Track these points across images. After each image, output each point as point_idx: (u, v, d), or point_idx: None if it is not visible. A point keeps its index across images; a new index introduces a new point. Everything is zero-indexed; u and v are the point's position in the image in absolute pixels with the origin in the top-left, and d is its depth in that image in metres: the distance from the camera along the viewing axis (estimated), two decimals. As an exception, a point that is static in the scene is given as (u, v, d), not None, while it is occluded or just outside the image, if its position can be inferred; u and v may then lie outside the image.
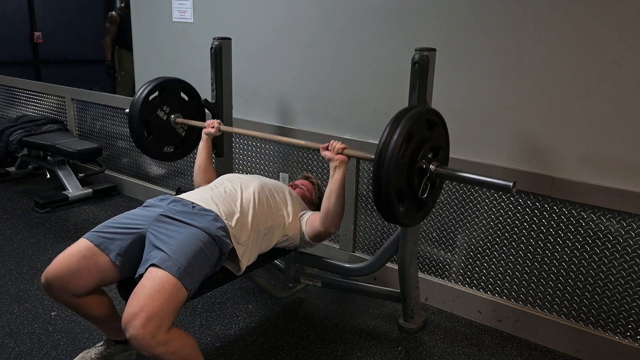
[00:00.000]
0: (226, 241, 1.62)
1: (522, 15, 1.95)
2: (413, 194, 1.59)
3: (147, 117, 2.32)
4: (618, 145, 1.84)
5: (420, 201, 1.64)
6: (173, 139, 2.47)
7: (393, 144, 1.48)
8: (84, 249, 1.57)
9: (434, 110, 1.68)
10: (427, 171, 1.59)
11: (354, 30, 2.40)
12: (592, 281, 1.99)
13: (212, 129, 2.24)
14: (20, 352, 1.96)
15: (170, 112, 2.40)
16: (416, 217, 1.69)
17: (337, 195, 1.80)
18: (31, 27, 5.91)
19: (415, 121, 1.53)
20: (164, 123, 2.39)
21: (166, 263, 1.44)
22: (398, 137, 1.48)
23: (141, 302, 1.36)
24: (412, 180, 1.57)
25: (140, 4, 3.33)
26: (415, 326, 2.18)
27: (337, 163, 1.80)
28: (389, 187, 1.49)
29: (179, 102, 2.44)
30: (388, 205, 1.53)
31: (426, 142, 1.58)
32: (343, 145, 1.82)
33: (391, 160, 1.48)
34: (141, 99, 2.28)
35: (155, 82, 2.34)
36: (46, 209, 3.36)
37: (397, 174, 1.51)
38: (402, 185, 1.55)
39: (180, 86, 2.46)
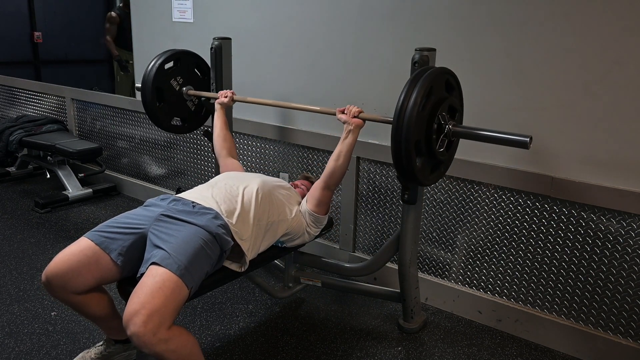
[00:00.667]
0: (226, 239, 1.62)
1: (522, 16, 1.95)
2: (430, 149, 1.64)
3: (160, 84, 2.34)
4: (618, 145, 1.84)
5: (436, 159, 1.68)
6: (182, 111, 2.49)
7: (414, 96, 1.54)
8: (85, 247, 1.57)
9: (452, 72, 1.73)
10: (444, 128, 1.64)
11: (354, 30, 2.40)
12: (592, 281, 1.99)
13: (225, 98, 2.27)
14: (20, 352, 1.96)
15: (183, 84, 2.42)
16: (430, 177, 1.73)
17: (345, 156, 1.88)
18: (31, 27, 5.90)
19: (435, 78, 1.59)
20: (176, 93, 2.41)
21: (167, 261, 1.44)
22: (419, 91, 1.54)
23: (142, 299, 1.36)
24: (431, 134, 1.62)
25: (140, 4, 3.33)
26: (415, 326, 2.18)
27: (352, 127, 1.87)
28: (409, 138, 1.54)
29: (192, 76, 2.47)
30: (407, 156, 1.57)
31: (444, 101, 1.63)
32: (359, 109, 1.88)
33: (412, 112, 1.53)
34: (156, 66, 2.31)
35: (170, 52, 2.37)
36: (46, 209, 3.36)
37: (417, 125, 1.56)
38: (420, 138, 1.59)
39: (195, 60, 2.49)
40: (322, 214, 1.99)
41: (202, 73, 2.52)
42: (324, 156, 2.62)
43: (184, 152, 3.34)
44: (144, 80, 2.32)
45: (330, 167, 1.91)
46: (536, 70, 1.96)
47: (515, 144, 1.60)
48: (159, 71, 2.31)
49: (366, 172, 2.50)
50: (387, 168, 2.43)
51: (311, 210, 1.96)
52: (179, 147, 3.36)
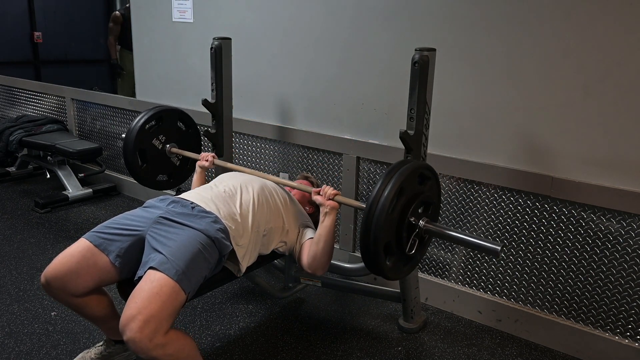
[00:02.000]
0: (225, 243, 1.62)
1: (522, 16, 1.95)
2: (401, 249, 1.58)
3: (142, 146, 2.31)
4: (618, 145, 1.84)
5: (407, 256, 1.61)
6: (167, 168, 2.46)
7: (384, 198, 1.47)
8: (83, 249, 1.57)
9: (428, 165, 1.68)
10: (416, 227, 1.57)
11: (354, 30, 2.40)
12: (592, 281, 1.99)
13: (206, 162, 2.21)
14: (20, 352, 1.96)
15: (166, 142, 2.40)
16: (403, 271, 1.68)
17: (325, 241, 1.76)
18: (31, 27, 5.91)
19: (407, 177, 1.52)
20: (159, 152, 2.39)
21: (164, 266, 1.44)
22: (389, 191, 1.47)
23: (139, 304, 1.35)
24: (401, 235, 1.55)
25: (140, 4, 3.33)
26: (415, 326, 2.18)
27: (327, 209, 1.77)
28: (377, 241, 1.48)
29: (175, 131, 2.44)
30: (375, 258, 1.51)
31: (417, 198, 1.57)
32: (335, 191, 1.79)
33: (381, 215, 1.46)
34: (137, 128, 2.27)
35: (152, 111, 2.34)
36: (46, 209, 3.36)
37: (386, 228, 1.49)
38: (390, 240, 1.53)
39: (178, 115, 2.46)
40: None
41: (185, 126, 2.50)
42: (324, 156, 2.62)
43: (184, 152, 3.34)
44: (125, 143, 2.29)
45: (312, 251, 1.80)
46: (536, 70, 1.96)
47: (485, 250, 1.53)
48: (140, 132, 2.28)
49: (366, 172, 2.50)
50: (387, 168, 2.42)
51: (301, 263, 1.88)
52: (179, 147, 3.36)
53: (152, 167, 2.39)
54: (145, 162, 2.36)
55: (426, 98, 1.80)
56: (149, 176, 2.41)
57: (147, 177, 2.40)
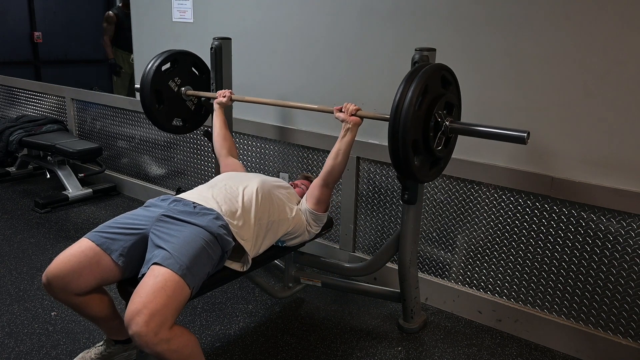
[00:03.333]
0: (228, 239, 1.62)
1: (522, 16, 1.95)
2: (428, 147, 1.63)
3: (158, 87, 2.34)
4: (618, 145, 1.84)
5: (434, 157, 1.68)
6: (182, 112, 2.50)
7: (410, 95, 1.52)
8: (85, 248, 1.57)
9: (448, 67, 1.72)
10: (441, 125, 1.63)
11: (354, 30, 2.40)
12: (592, 281, 1.99)
13: (223, 98, 2.27)
14: (20, 352, 1.96)
15: (182, 84, 2.43)
16: (429, 174, 1.73)
17: (344, 154, 1.87)
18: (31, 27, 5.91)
19: (430, 75, 1.57)
20: (175, 94, 2.42)
21: (168, 261, 1.44)
22: (414, 89, 1.53)
23: (144, 299, 1.36)
24: (428, 132, 1.61)
25: (140, 4, 3.33)
26: (415, 326, 2.18)
27: (350, 125, 1.86)
28: (406, 137, 1.53)
29: (190, 76, 2.48)
30: (404, 156, 1.56)
31: (441, 98, 1.62)
32: (357, 107, 1.88)
33: (408, 111, 1.51)
34: (153, 69, 2.31)
35: (167, 53, 2.37)
36: (46, 209, 3.36)
37: (414, 125, 1.55)
38: (417, 137, 1.58)
39: (192, 60, 2.49)
40: (322, 212, 1.99)
41: (200, 72, 2.53)
42: (324, 156, 2.62)
43: (184, 152, 3.34)
44: (142, 83, 2.33)
45: (329, 165, 1.90)
46: (536, 70, 1.96)
47: (512, 139, 1.59)
48: (157, 73, 2.31)
49: (366, 172, 2.50)
50: (387, 168, 2.43)
51: (311, 209, 1.96)
52: (179, 147, 3.36)
53: (168, 109, 2.43)
54: (162, 104, 2.39)
55: (426, 97, 1.80)
56: (165, 119, 2.44)
57: (163, 119, 2.43)
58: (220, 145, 2.24)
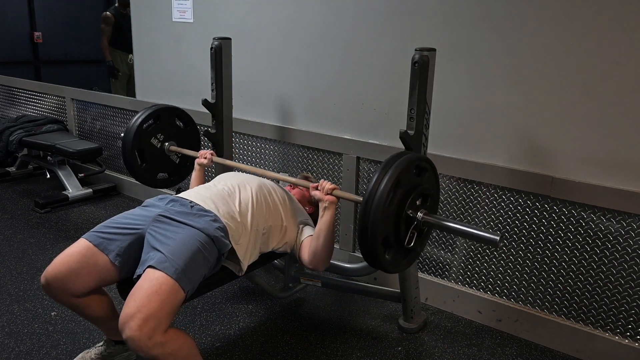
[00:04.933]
0: (224, 242, 1.62)
1: (522, 16, 1.95)
2: (399, 242, 1.56)
3: (140, 145, 2.31)
4: (618, 145, 1.84)
5: (407, 249, 1.60)
6: (167, 166, 2.46)
7: (380, 191, 1.45)
8: (83, 249, 1.57)
9: (425, 157, 1.67)
10: (414, 219, 1.55)
11: (354, 30, 2.40)
12: (592, 281, 1.99)
13: (204, 159, 2.20)
14: (20, 352, 1.96)
15: (165, 140, 2.39)
16: (402, 264, 1.65)
17: (325, 236, 1.75)
18: (31, 27, 5.91)
19: (404, 169, 1.50)
20: (158, 151, 2.38)
21: (163, 264, 1.44)
22: (386, 184, 1.45)
23: (138, 303, 1.35)
24: (399, 228, 1.53)
25: (140, 4, 3.33)
26: (415, 326, 2.18)
27: (326, 204, 1.76)
28: (375, 235, 1.46)
29: (173, 129, 2.44)
30: (373, 253, 1.50)
31: (415, 190, 1.55)
32: (333, 185, 1.78)
33: (377, 208, 1.44)
34: (135, 127, 2.27)
35: (150, 110, 2.33)
36: (46, 209, 3.36)
37: (384, 222, 1.47)
38: (388, 233, 1.52)
39: (175, 113, 2.45)
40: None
41: (184, 124, 2.49)
42: (324, 156, 2.62)
43: (184, 152, 3.34)
44: (123, 143, 2.28)
45: (313, 247, 1.79)
46: (536, 70, 1.96)
47: (484, 241, 1.52)
48: (138, 132, 2.27)
49: (366, 172, 2.50)
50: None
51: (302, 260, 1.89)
52: (179, 147, 3.36)
53: (152, 166, 2.39)
54: (145, 162, 2.36)
55: (426, 98, 1.80)
56: (149, 175, 2.41)
57: (147, 176, 2.40)
58: None
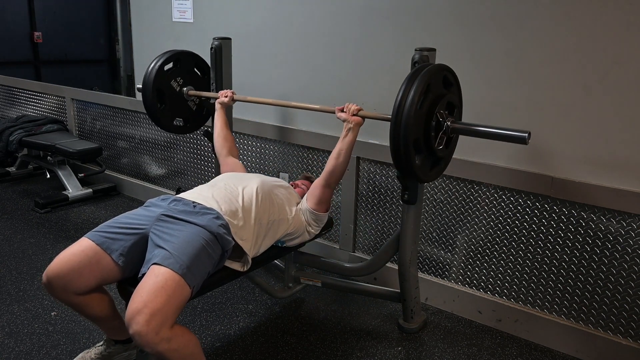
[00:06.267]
0: (227, 239, 1.62)
1: (523, 15, 1.95)
2: (429, 147, 1.64)
3: (160, 86, 2.35)
4: (618, 145, 1.84)
5: (435, 156, 1.69)
6: (184, 112, 2.51)
7: (412, 94, 1.54)
8: (85, 248, 1.57)
9: (450, 68, 1.73)
10: (443, 125, 1.64)
11: (355, 30, 2.40)
12: (592, 281, 1.99)
13: (225, 98, 2.28)
14: (20, 352, 1.96)
15: (184, 84, 2.44)
16: (430, 174, 1.74)
17: (345, 154, 1.87)
18: (31, 27, 5.91)
19: (432, 76, 1.58)
20: (177, 94, 2.42)
21: (168, 260, 1.44)
22: (417, 89, 1.54)
23: (145, 298, 1.36)
24: (429, 131, 1.62)
25: (140, 4, 3.33)
26: (415, 326, 2.18)
27: (351, 125, 1.87)
28: (407, 136, 1.54)
29: (192, 76, 2.49)
30: (406, 155, 1.58)
31: (442, 98, 1.63)
32: (358, 107, 1.88)
33: (410, 111, 1.53)
34: (156, 68, 2.32)
35: (169, 53, 2.39)
36: (46, 209, 3.36)
37: (415, 124, 1.56)
38: (419, 136, 1.59)
39: (194, 60, 2.50)
40: (322, 212, 1.99)
41: (202, 72, 2.54)
42: (324, 156, 2.62)
43: (184, 152, 3.34)
44: (144, 82, 2.33)
45: (331, 165, 1.90)
46: (536, 70, 1.96)
47: (513, 139, 1.60)
48: (159, 73, 2.32)
49: (366, 172, 2.50)
50: (387, 168, 2.43)
51: (311, 209, 1.96)
52: (179, 147, 3.36)
53: (170, 109, 2.43)
54: (164, 104, 2.39)
55: (426, 97, 1.80)
56: (167, 119, 2.44)
57: (165, 119, 2.43)
58: (221, 145, 2.24)
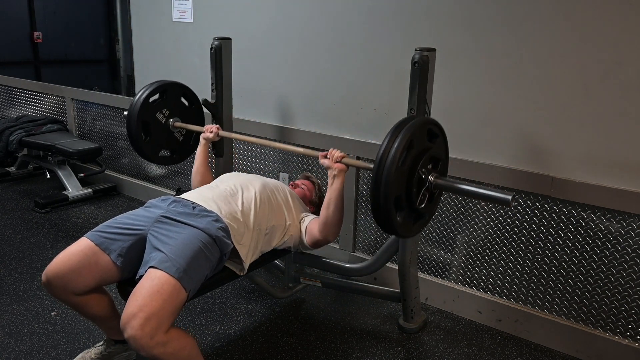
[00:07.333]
0: (226, 242, 1.62)
1: (523, 15, 1.95)
2: (411, 204, 1.57)
3: (145, 118, 2.31)
4: (618, 145, 1.84)
5: (417, 212, 1.61)
6: (170, 143, 2.46)
7: (394, 151, 1.47)
8: (85, 248, 1.57)
9: (435, 121, 1.67)
10: (426, 181, 1.57)
11: (354, 30, 2.40)
12: (592, 281, 1.99)
13: (210, 133, 2.21)
14: (20, 352, 1.96)
15: (170, 116, 2.39)
16: (413, 229, 1.66)
17: (335, 204, 1.77)
18: (31, 27, 5.90)
19: (416, 130, 1.52)
20: (163, 126, 2.38)
21: (165, 264, 1.44)
22: (399, 144, 1.47)
23: (140, 302, 1.36)
24: (411, 189, 1.55)
25: (140, 4, 3.33)
26: (415, 326, 2.18)
27: (335, 172, 1.77)
28: (388, 194, 1.47)
29: (178, 107, 2.44)
30: (386, 213, 1.51)
31: (426, 152, 1.56)
32: (342, 153, 1.79)
33: (391, 167, 1.46)
34: (141, 100, 2.27)
35: (156, 84, 2.34)
36: (46, 209, 3.36)
37: (397, 181, 1.49)
38: (400, 193, 1.53)
39: (181, 90, 2.45)
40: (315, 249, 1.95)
41: (189, 102, 2.49)
42: (324, 156, 2.62)
43: (184, 152, 3.34)
44: (129, 114, 2.28)
45: (323, 217, 1.80)
46: (536, 70, 1.96)
47: (497, 201, 1.52)
48: (144, 105, 2.27)
49: (366, 172, 2.50)
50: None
51: (307, 244, 1.91)
52: (179, 147, 3.36)
53: (156, 141, 2.39)
54: (149, 136, 2.35)
55: (426, 98, 1.80)
56: (152, 151, 2.40)
57: (150, 151, 2.39)
58: (197, 181, 2.19)
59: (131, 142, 2.33)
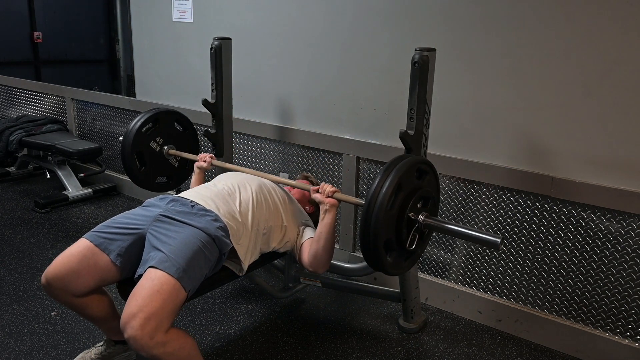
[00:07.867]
0: (225, 241, 1.62)
1: (523, 16, 1.95)
2: (401, 245, 1.57)
3: (139, 148, 2.31)
4: (618, 145, 1.84)
5: (408, 251, 1.61)
6: (166, 170, 2.45)
7: (382, 195, 1.46)
8: (84, 248, 1.57)
9: (426, 160, 1.68)
10: (416, 222, 1.57)
11: (354, 30, 2.40)
12: (592, 281, 1.99)
13: (204, 162, 2.21)
14: (20, 352, 1.96)
15: (164, 143, 2.39)
16: (404, 266, 1.67)
17: (326, 239, 1.75)
18: (31, 27, 5.90)
19: (405, 172, 1.51)
20: (157, 154, 2.38)
21: (165, 264, 1.44)
22: (387, 188, 1.47)
23: (139, 302, 1.35)
24: (401, 231, 1.54)
25: (140, 4, 3.33)
26: (415, 326, 2.18)
27: (327, 207, 1.76)
28: (377, 238, 1.47)
29: (172, 133, 2.44)
30: (375, 256, 1.51)
31: (416, 192, 1.56)
32: (333, 188, 1.78)
33: (380, 211, 1.46)
34: (134, 131, 2.27)
35: (149, 113, 2.33)
36: (46, 209, 3.36)
37: (386, 225, 1.49)
38: (390, 236, 1.53)
39: (174, 117, 2.45)
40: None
41: (182, 127, 2.50)
42: (324, 156, 2.63)
43: (184, 152, 3.34)
44: (123, 145, 2.28)
45: (313, 249, 1.79)
46: (536, 70, 1.96)
47: (486, 243, 1.52)
48: (137, 136, 2.27)
49: (366, 172, 2.50)
50: (387, 168, 2.42)
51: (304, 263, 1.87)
52: (179, 147, 3.36)
53: (151, 169, 2.39)
54: (144, 165, 2.35)
55: (426, 98, 1.80)
56: (148, 179, 2.40)
57: (146, 179, 2.39)
58: None
59: (127, 172, 2.33)
